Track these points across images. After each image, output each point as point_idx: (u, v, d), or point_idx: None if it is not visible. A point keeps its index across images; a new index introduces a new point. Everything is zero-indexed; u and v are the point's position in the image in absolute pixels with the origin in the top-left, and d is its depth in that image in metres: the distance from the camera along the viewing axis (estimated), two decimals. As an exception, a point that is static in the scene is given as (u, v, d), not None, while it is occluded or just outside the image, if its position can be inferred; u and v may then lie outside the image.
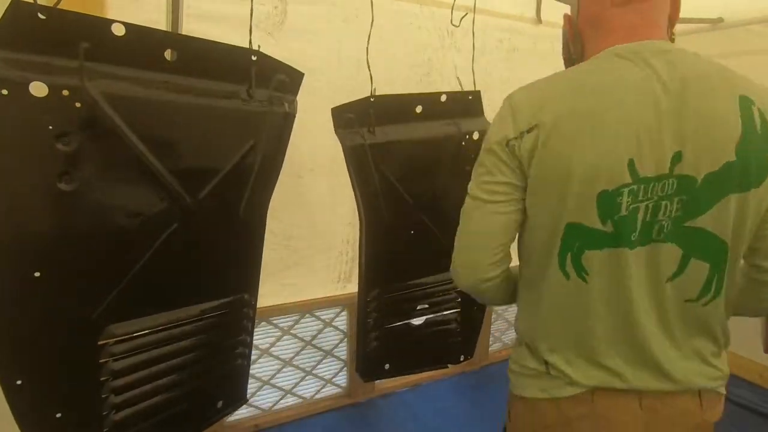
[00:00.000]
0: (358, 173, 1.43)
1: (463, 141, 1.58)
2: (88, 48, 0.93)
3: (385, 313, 1.58)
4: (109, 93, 0.96)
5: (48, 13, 0.88)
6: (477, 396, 2.58)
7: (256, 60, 1.18)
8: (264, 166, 1.27)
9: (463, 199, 0.96)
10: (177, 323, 1.19)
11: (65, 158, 0.93)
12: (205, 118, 1.12)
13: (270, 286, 2.03)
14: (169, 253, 1.12)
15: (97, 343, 1.05)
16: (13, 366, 0.96)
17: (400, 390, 2.55)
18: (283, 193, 1.92)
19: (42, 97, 0.89)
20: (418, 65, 2.15)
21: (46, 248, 0.95)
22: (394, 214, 1.51)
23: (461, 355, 1.79)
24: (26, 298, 0.95)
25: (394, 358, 1.64)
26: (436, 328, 1.70)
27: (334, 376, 2.40)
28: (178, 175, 1.09)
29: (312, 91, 1.86)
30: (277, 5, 1.78)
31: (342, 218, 2.15)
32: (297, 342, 2.24)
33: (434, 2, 2.11)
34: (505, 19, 2.36)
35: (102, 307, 1.04)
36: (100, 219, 1.01)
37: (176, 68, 1.06)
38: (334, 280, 2.24)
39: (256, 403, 2.21)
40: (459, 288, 1.00)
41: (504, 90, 0.90)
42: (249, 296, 1.36)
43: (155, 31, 1.05)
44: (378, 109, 1.44)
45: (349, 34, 1.94)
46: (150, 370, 1.15)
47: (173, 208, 1.10)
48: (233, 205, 1.24)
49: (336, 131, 1.41)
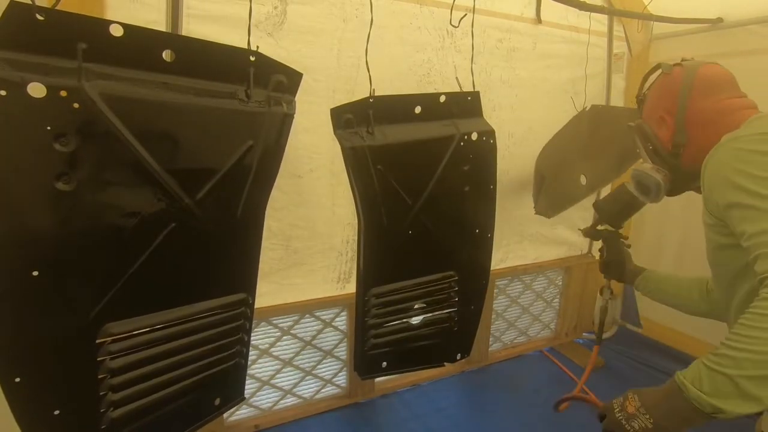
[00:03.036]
0: (356, 174, 1.43)
1: (462, 141, 1.59)
2: (86, 49, 0.93)
3: (383, 312, 1.58)
4: (108, 94, 0.97)
5: (46, 14, 0.89)
6: (477, 396, 2.59)
7: (254, 60, 1.19)
8: (262, 167, 1.27)
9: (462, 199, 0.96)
10: (175, 322, 1.20)
11: (63, 159, 0.94)
12: (203, 119, 1.13)
13: (270, 286, 2.04)
14: (167, 253, 1.13)
15: (95, 342, 1.06)
16: (12, 364, 0.97)
17: (400, 390, 2.55)
18: (282, 194, 1.94)
19: (40, 97, 0.90)
20: (417, 65, 2.15)
21: (44, 247, 0.96)
22: (392, 214, 1.51)
23: (458, 354, 1.79)
24: (24, 297, 0.96)
25: (391, 356, 1.65)
26: (433, 327, 1.70)
27: (333, 377, 2.40)
28: (175, 176, 1.10)
29: (311, 91, 1.87)
30: (277, 5, 1.79)
31: (342, 218, 2.16)
32: (297, 342, 2.25)
33: (434, 2, 2.12)
34: (505, 19, 2.36)
35: (100, 306, 1.05)
36: (98, 219, 1.02)
37: (174, 69, 1.07)
38: (333, 280, 2.24)
39: (256, 404, 2.22)
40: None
41: (504, 90, 0.90)
42: (247, 295, 1.37)
43: (153, 32, 1.05)
44: (377, 110, 1.44)
45: (348, 34, 1.95)
46: (148, 368, 1.15)
47: (171, 208, 1.11)
48: (231, 205, 1.25)
49: (335, 132, 1.42)
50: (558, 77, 2.62)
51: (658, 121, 1.14)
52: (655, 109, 1.15)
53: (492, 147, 1.66)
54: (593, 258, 3.15)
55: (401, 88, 1.63)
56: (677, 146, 1.10)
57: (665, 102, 1.12)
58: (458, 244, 1.69)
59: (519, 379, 2.72)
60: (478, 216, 1.70)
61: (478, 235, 1.72)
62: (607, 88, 2.90)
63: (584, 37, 2.61)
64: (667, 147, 1.13)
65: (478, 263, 1.76)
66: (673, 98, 1.10)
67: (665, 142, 1.13)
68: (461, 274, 1.71)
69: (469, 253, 1.72)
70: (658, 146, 1.15)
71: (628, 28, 2.86)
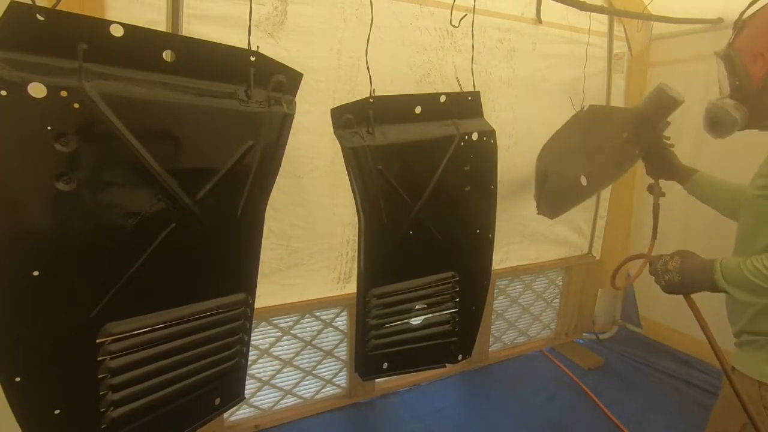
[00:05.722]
0: (357, 174, 1.43)
1: (462, 142, 1.59)
2: (87, 49, 0.94)
3: (384, 312, 1.58)
4: (108, 94, 0.97)
5: (46, 14, 0.89)
6: (477, 396, 2.59)
7: (254, 60, 1.19)
8: (262, 167, 1.27)
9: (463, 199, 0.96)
10: (175, 322, 1.20)
11: (64, 159, 0.94)
12: (203, 119, 1.13)
13: (270, 286, 2.04)
14: (167, 253, 1.13)
15: (95, 341, 1.06)
16: (13, 363, 0.97)
17: (400, 390, 2.56)
18: (283, 194, 1.94)
19: (41, 98, 0.90)
20: (417, 65, 2.15)
21: (44, 247, 0.96)
22: (392, 215, 1.51)
23: (459, 355, 1.79)
24: (25, 297, 0.96)
25: (392, 357, 1.65)
26: (434, 328, 1.70)
27: (334, 377, 2.40)
28: (176, 176, 1.10)
29: (311, 91, 1.87)
30: (277, 6, 1.79)
31: (342, 218, 2.16)
32: (297, 342, 2.25)
33: (434, 2, 2.12)
34: (505, 20, 2.37)
35: (100, 306, 1.05)
36: (99, 219, 1.02)
37: (175, 69, 1.07)
38: (334, 281, 2.24)
39: (257, 404, 2.22)
40: None
41: (504, 90, 0.91)
42: (247, 296, 1.37)
43: (154, 32, 1.05)
44: (377, 110, 1.44)
45: (349, 34, 1.95)
46: (148, 368, 1.16)
47: (171, 208, 1.11)
48: (231, 206, 1.25)
49: (335, 132, 1.42)
50: (558, 77, 2.62)
51: (755, 56, 1.09)
52: (756, 43, 1.10)
53: (492, 147, 1.66)
54: (593, 258, 3.15)
55: (401, 88, 1.63)
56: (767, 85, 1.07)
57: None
58: (459, 245, 1.69)
59: (519, 379, 2.71)
60: (479, 216, 1.70)
61: (479, 236, 1.72)
62: (607, 88, 2.90)
63: (584, 37, 2.61)
64: (755, 84, 1.10)
65: (479, 263, 1.76)
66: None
67: (756, 79, 1.09)
68: (462, 275, 1.71)
69: (469, 254, 1.72)
70: (745, 81, 1.11)
71: (628, 28, 2.86)
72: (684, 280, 1.12)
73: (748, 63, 1.11)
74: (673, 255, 1.17)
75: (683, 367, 2.80)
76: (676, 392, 2.63)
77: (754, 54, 1.09)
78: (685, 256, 1.15)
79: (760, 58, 1.08)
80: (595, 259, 3.16)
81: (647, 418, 2.40)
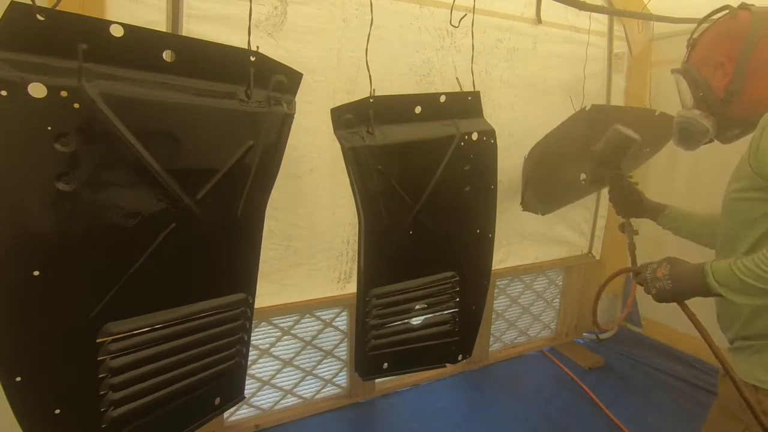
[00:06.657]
0: (357, 174, 1.43)
1: (462, 141, 1.59)
2: (87, 49, 0.94)
3: (384, 312, 1.58)
4: (108, 94, 0.97)
5: (46, 15, 0.89)
6: (477, 396, 2.59)
7: (254, 60, 1.19)
8: (262, 167, 1.27)
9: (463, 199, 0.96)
10: (175, 322, 1.20)
11: (64, 159, 0.94)
12: (203, 119, 1.13)
13: (270, 286, 2.04)
14: (167, 253, 1.13)
15: (95, 341, 1.06)
16: (13, 363, 0.97)
17: (401, 390, 2.56)
18: (283, 194, 1.94)
19: (41, 98, 0.90)
20: (417, 65, 2.15)
21: (45, 247, 0.96)
22: (392, 215, 1.51)
23: (459, 354, 1.79)
24: (25, 297, 0.96)
25: (392, 357, 1.65)
26: (434, 328, 1.70)
27: (334, 377, 2.41)
28: (176, 176, 1.10)
29: (311, 91, 1.87)
30: (277, 6, 1.79)
31: (342, 218, 2.16)
32: (297, 342, 2.25)
33: (434, 2, 2.12)
34: (505, 19, 2.37)
35: (100, 306, 1.05)
36: (99, 219, 1.02)
37: (175, 69, 1.07)
38: (334, 281, 2.24)
39: (257, 404, 2.22)
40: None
41: (504, 90, 0.91)
42: (247, 295, 1.37)
43: (153, 32, 1.05)
44: (377, 110, 1.44)
45: (349, 34, 1.95)
46: (148, 368, 1.16)
47: (171, 208, 1.11)
48: (231, 206, 1.25)
49: (335, 132, 1.42)
50: (558, 77, 2.62)
51: (715, 67, 1.10)
52: (713, 53, 1.11)
53: (492, 147, 1.66)
54: (593, 258, 3.15)
55: (401, 88, 1.63)
56: (731, 94, 1.07)
57: (727, 47, 1.08)
58: (459, 245, 1.68)
59: (519, 379, 2.71)
60: (479, 216, 1.70)
61: (479, 235, 1.72)
62: (607, 87, 2.90)
63: (584, 37, 2.61)
64: (718, 94, 1.10)
65: (479, 263, 1.76)
66: (738, 43, 1.06)
67: (718, 89, 1.10)
68: (462, 275, 1.71)
69: (470, 254, 1.72)
70: (708, 93, 1.12)
71: (628, 28, 2.86)
72: (675, 286, 1.09)
73: (709, 75, 1.12)
74: (660, 262, 1.14)
75: (683, 367, 2.81)
76: (676, 392, 2.63)
77: (714, 64, 1.10)
78: (674, 263, 1.11)
79: (720, 68, 1.09)
80: (595, 258, 3.16)
81: (647, 418, 2.40)
